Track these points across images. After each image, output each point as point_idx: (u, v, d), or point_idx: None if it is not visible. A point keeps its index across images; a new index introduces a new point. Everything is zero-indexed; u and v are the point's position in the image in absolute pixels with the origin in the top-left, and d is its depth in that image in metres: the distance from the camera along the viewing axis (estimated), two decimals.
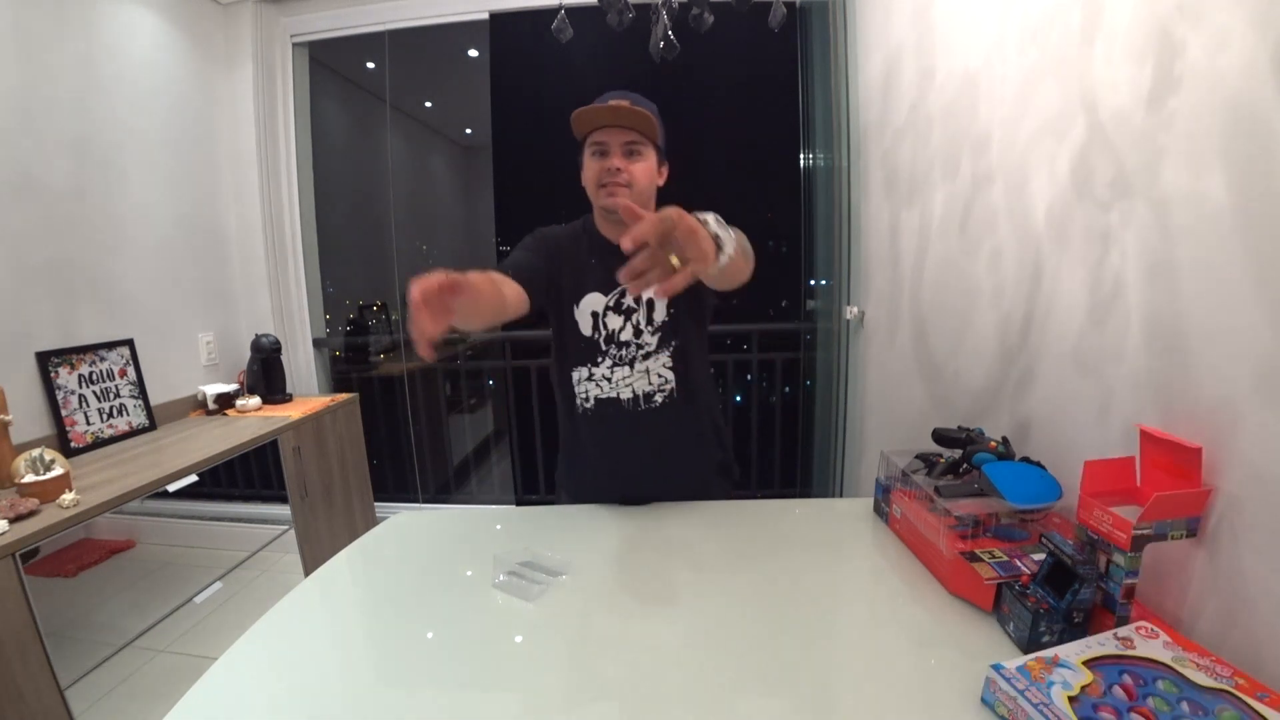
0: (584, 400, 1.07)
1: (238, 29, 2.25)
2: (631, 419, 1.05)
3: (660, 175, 1.07)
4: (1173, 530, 0.62)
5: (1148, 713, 0.50)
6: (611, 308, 1.04)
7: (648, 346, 1.04)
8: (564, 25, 1.31)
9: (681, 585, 0.82)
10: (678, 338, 1.05)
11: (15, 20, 1.54)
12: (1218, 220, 0.62)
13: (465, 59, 2.48)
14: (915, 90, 1.44)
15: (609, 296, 1.04)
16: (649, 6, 1.36)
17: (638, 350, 1.04)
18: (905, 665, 0.65)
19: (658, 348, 1.04)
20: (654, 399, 1.05)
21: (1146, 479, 0.69)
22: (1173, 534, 0.62)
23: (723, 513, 1.03)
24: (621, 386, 1.05)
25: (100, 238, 1.78)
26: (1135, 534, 0.61)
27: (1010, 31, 1.02)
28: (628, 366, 1.04)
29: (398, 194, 2.62)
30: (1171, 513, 0.62)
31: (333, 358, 2.67)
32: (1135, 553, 0.62)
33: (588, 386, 1.06)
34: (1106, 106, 0.79)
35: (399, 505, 2.53)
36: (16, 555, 1.12)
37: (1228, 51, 0.61)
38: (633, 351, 1.04)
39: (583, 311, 1.05)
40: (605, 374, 1.05)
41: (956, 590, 0.76)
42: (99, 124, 1.78)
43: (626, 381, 1.05)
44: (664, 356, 1.05)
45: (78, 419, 1.65)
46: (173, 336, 2.05)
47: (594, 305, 1.05)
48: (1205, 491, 0.62)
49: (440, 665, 0.67)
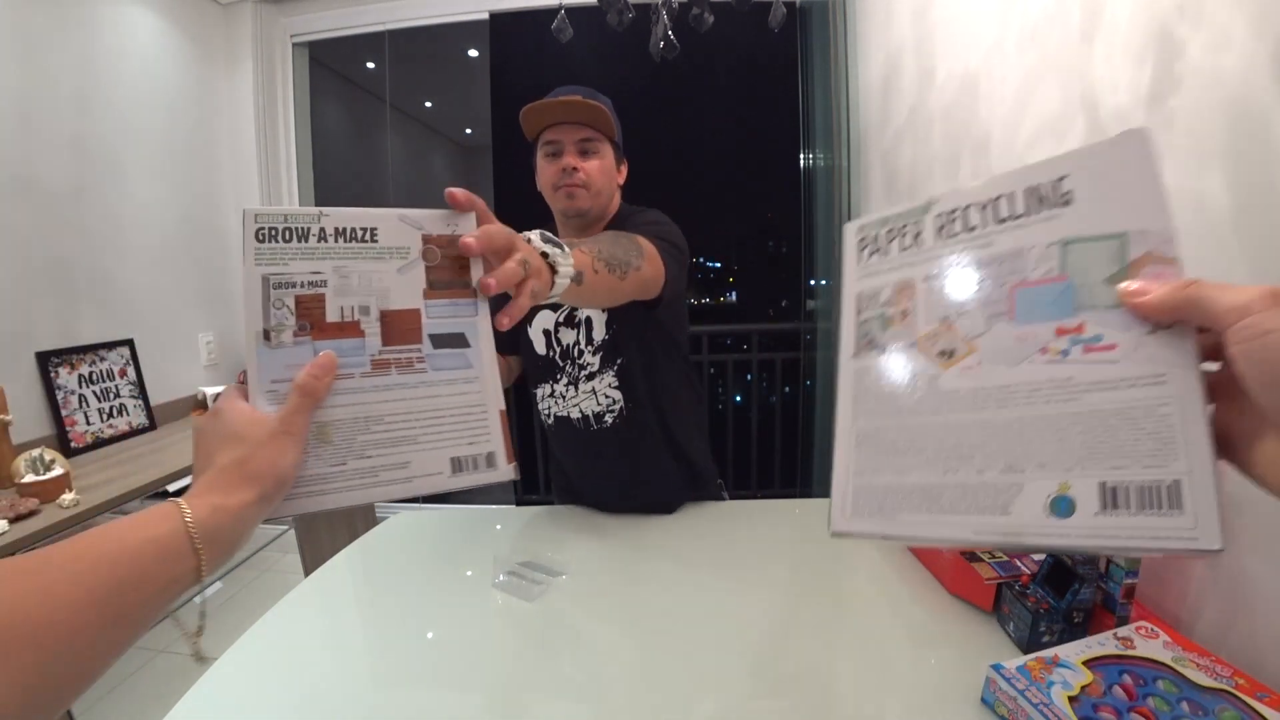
0: (546, 417, 1.06)
1: (238, 29, 2.25)
2: (585, 438, 1.02)
3: (620, 174, 1.02)
4: None
5: (1148, 713, 0.50)
6: (562, 323, 1.00)
7: (590, 366, 0.99)
8: (564, 25, 1.31)
9: (681, 585, 0.82)
10: (622, 356, 0.98)
11: (15, 20, 1.54)
12: (1218, 220, 0.62)
13: (465, 59, 2.48)
14: (915, 90, 1.44)
15: (558, 312, 1.00)
16: (649, 6, 1.36)
17: (581, 370, 1.00)
18: (905, 665, 0.65)
19: (600, 367, 0.99)
20: (604, 419, 1.00)
21: None
22: None
23: (723, 513, 1.03)
24: (571, 406, 1.01)
25: (100, 238, 1.78)
26: None
27: (1010, 31, 1.02)
28: (574, 386, 1.01)
29: (398, 194, 2.62)
30: None
31: None
32: None
33: (549, 403, 1.04)
34: (1106, 106, 0.79)
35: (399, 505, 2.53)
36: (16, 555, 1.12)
37: (1228, 51, 0.61)
38: (577, 371, 1.00)
39: (535, 330, 1.02)
40: (562, 391, 1.02)
41: (956, 590, 0.76)
42: (99, 124, 1.78)
43: (574, 401, 1.01)
44: (609, 376, 0.99)
45: (78, 419, 1.65)
46: (173, 336, 2.05)
47: (545, 323, 1.01)
48: None
49: (440, 665, 0.67)
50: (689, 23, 1.35)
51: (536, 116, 0.94)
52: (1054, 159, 0.32)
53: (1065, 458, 0.28)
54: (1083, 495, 0.27)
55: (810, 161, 2.21)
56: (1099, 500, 0.26)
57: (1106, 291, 0.28)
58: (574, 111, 0.92)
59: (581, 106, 0.92)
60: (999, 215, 0.32)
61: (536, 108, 0.93)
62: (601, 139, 0.96)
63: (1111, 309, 0.28)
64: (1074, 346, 0.28)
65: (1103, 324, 0.28)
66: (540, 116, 0.94)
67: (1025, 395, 0.29)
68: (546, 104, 0.93)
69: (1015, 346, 0.30)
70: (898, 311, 0.34)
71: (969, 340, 0.31)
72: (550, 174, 0.96)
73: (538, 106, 0.93)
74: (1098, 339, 0.28)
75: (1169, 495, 0.25)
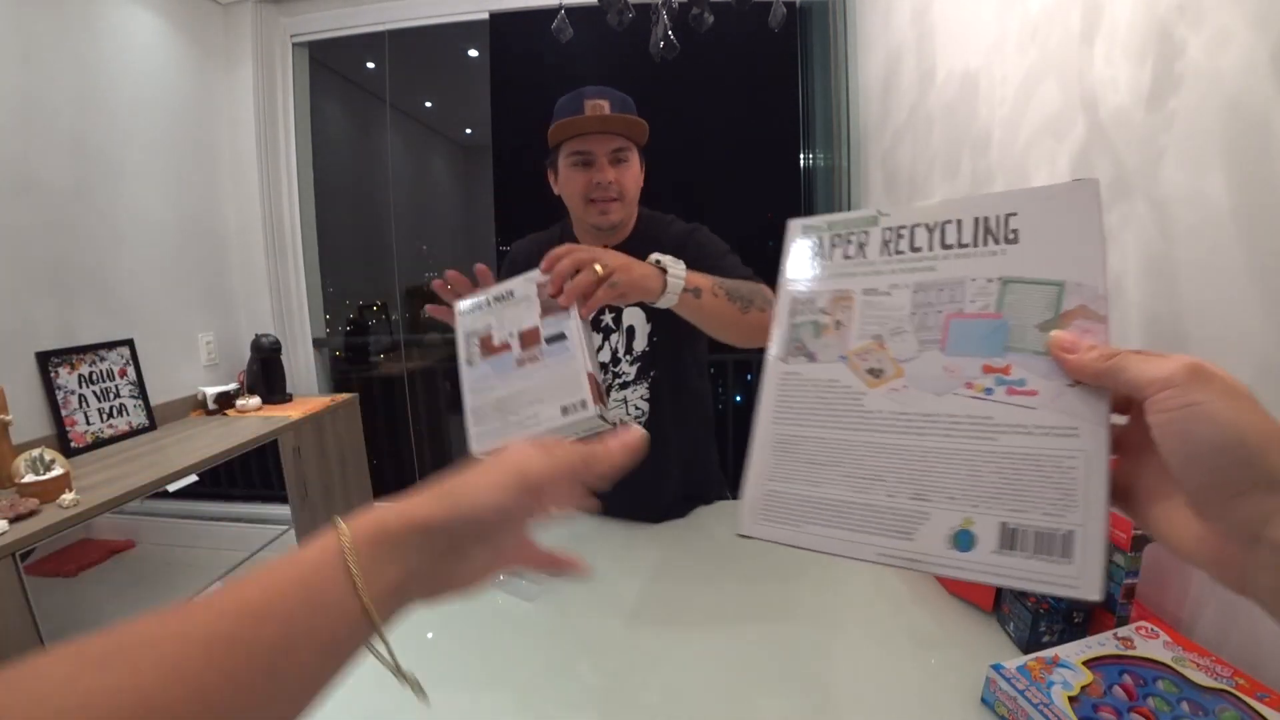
0: None
1: (238, 29, 2.25)
2: None
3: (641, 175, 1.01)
4: None
5: (1148, 713, 0.50)
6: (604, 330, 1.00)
7: (625, 376, 0.98)
8: (564, 25, 1.31)
9: (681, 584, 0.82)
10: (657, 369, 0.98)
11: (15, 20, 1.54)
12: (1217, 220, 0.62)
13: (465, 59, 2.48)
14: (915, 90, 1.44)
15: (607, 315, 0.99)
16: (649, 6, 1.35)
17: (616, 379, 0.99)
18: (905, 665, 0.65)
19: (636, 378, 0.98)
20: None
21: None
22: None
23: (723, 513, 1.03)
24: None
25: (100, 238, 1.78)
26: (1135, 534, 0.61)
27: (1010, 31, 1.02)
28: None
29: (398, 194, 2.62)
30: None
31: (333, 358, 2.67)
32: (1135, 553, 0.62)
33: None
34: (1106, 106, 0.79)
35: None
36: (16, 555, 1.12)
37: (1228, 51, 0.61)
38: (608, 379, 0.98)
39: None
40: None
41: (956, 590, 0.76)
42: (99, 124, 1.78)
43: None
44: (641, 388, 0.99)
45: (78, 419, 1.65)
46: (173, 336, 2.05)
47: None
48: None
49: (440, 665, 0.67)
50: (689, 23, 1.35)
51: (569, 130, 0.91)
52: (1007, 194, 0.33)
53: (973, 494, 0.28)
54: (984, 532, 0.28)
55: (810, 161, 2.21)
56: (998, 539, 0.28)
57: (1037, 337, 0.29)
58: (611, 124, 0.91)
59: (619, 121, 0.91)
60: (945, 241, 0.32)
61: (574, 123, 0.90)
62: (632, 146, 0.95)
63: (1038, 355, 0.29)
64: (999, 386, 0.29)
65: (1028, 369, 0.29)
66: (574, 129, 0.91)
67: (945, 427, 0.30)
68: (583, 120, 0.90)
69: (943, 377, 0.30)
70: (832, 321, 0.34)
71: (898, 363, 0.31)
72: (580, 184, 0.93)
73: (575, 122, 0.90)
74: (1021, 383, 0.29)
75: (1062, 544, 0.27)
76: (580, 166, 0.93)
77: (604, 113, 0.92)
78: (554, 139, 0.94)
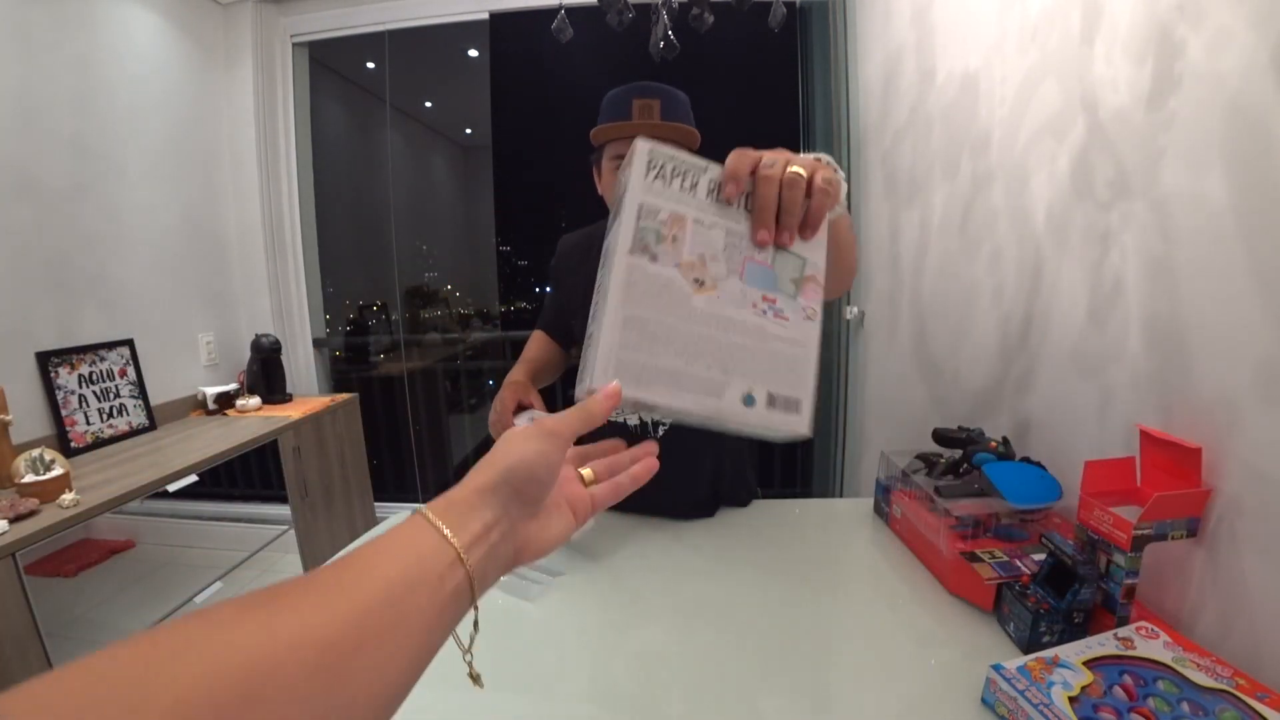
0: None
1: (238, 29, 2.25)
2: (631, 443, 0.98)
3: None
4: (1173, 530, 0.62)
5: (1148, 713, 0.50)
6: None
7: None
8: (564, 25, 1.31)
9: (680, 584, 0.82)
10: None
11: (15, 20, 1.54)
12: (1218, 220, 0.62)
13: (465, 59, 2.48)
14: (915, 90, 1.44)
15: None
16: (649, 6, 1.36)
17: None
18: (905, 665, 0.65)
19: None
20: (657, 429, 0.96)
21: (1146, 479, 0.69)
22: (1173, 534, 0.62)
23: (723, 512, 1.03)
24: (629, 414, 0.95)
25: (100, 238, 1.78)
26: (1135, 534, 0.61)
27: (1010, 31, 1.02)
28: None
29: (398, 194, 2.62)
30: (1171, 513, 0.62)
31: (333, 358, 2.67)
32: (1135, 553, 0.62)
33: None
34: (1106, 106, 0.79)
35: (399, 505, 2.53)
36: (16, 555, 1.12)
37: (1228, 51, 0.61)
38: None
39: None
40: None
41: (957, 590, 0.76)
42: (99, 123, 1.78)
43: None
44: None
45: (78, 419, 1.65)
46: (173, 336, 2.05)
47: None
48: (1205, 492, 0.62)
49: (439, 665, 0.67)
50: (689, 23, 1.35)
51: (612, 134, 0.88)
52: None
53: (755, 373, 0.43)
54: (759, 397, 0.43)
55: None
56: (767, 401, 0.43)
57: (790, 286, 0.45)
58: (663, 133, 0.87)
59: (672, 131, 0.87)
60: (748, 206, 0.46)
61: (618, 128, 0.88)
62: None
63: (791, 297, 0.45)
64: (769, 309, 0.44)
65: (785, 303, 0.45)
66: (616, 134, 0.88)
67: (740, 329, 0.43)
68: (634, 126, 0.87)
69: (739, 295, 0.44)
70: (670, 234, 0.43)
71: (714, 281, 0.44)
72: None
73: (619, 128, 0.88)
74: (781, 310, 0.44)
75: (797, 405, 0.44)
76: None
77: (653, 114, 0.89)
78: (597, 140, 0.92)
